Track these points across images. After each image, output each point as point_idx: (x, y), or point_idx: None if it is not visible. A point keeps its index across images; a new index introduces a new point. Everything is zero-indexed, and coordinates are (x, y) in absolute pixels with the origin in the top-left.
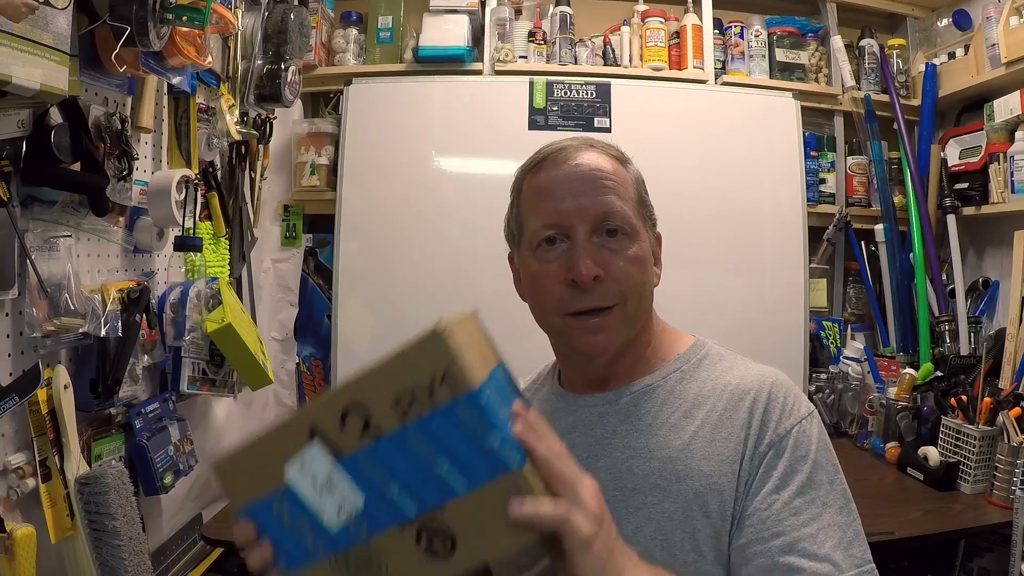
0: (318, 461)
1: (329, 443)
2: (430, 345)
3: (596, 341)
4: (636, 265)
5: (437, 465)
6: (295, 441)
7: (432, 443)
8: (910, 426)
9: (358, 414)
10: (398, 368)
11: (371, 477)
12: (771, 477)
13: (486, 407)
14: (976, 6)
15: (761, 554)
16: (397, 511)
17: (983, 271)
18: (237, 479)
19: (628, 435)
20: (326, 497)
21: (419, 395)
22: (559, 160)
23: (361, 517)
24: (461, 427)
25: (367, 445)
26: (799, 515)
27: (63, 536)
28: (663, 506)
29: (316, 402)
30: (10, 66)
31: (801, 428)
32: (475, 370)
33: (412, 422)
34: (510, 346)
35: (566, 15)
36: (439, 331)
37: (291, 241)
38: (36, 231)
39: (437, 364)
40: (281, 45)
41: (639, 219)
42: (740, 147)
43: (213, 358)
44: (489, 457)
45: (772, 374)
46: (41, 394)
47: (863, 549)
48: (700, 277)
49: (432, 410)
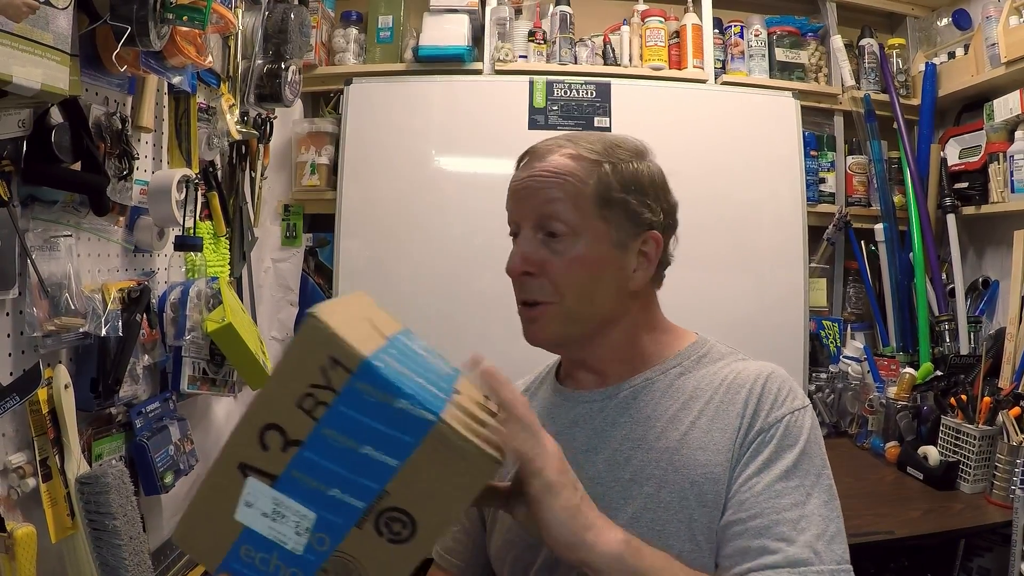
0: (259, 494)
1: (261, 473)
2: (307, 337)
3: (530, 330)
4: (577, 266)
5: (362, 450)
6: (231, 484)
7: (348, 431)
8: (910, 425)
9: (273, 433)
10: (288, 372)
11: (310, 488)
12: (756, 460)
13: (384, 374)
14: (976, 6)
15: (739, 535)
16: (348, 511)
17: (983, 271)
18: (199, 543)
19: (626, 426)
20: (281, 525)
21: (317, 391)
22: (527, 163)
23: (320, 530)
24: (367, 403)
25: (293, 459)
26: (781, 498)
27: (63, 536)
28: (660, 496)
29: (233, 438)
30: (11, 66)
31: (794, 417)
32: (361, 343)
33: (321, 419)
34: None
35: (566, 15)
36: (309, 319)
37: (291, 241)
38: (37, 231)
39: (320, 352)
40: (281, 45)
41: (597, 220)
42: (740, 146)
43: (213, 358)
44: (405, 422)
45: (771, 367)
46: (42, 394)
47: (843, 548)
48: (700, 276)
49: (334, 399)
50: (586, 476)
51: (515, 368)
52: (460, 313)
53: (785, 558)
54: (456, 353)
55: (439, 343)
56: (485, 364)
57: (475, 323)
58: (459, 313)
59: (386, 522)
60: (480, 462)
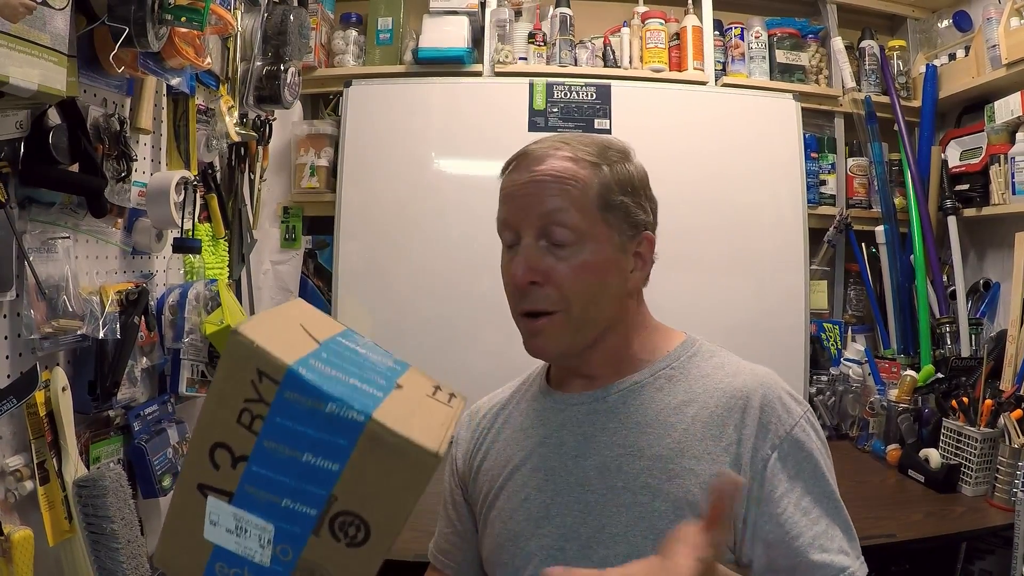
0: (220, 512)
1: (217, 491)
2: (233, 353)
3: (535, 343)
4: (585, 272)
5: (303, 458)
6: (195, 504)
7: (286, 441)
8: (911, 428)
9: (222, 451)
10: (222, 390)
11: (265, 500)
12: (780, 481)
13: (307, 380)
14: (977, 7)
15: (784, 556)
16: (302, 519)
17: (984, 273)
18: (177, 563)
19: (617, 432)
20: (245, 539)
21: (251, 405)
22: (523, 165)
23: (281, 541)
24: (299, 411)
25: (244, 475)
26: (809, 514)
27: (61, 539)
28: (654, 505)
29: (187, 460)
30: (8, 67)
31: (800, 428)
32: (285, 352)
33: (261, 432)
34: (508, 346)
35: (566, 16)
36: (232, 336)
37: (290, 243)
38: (34, 232)
39: (248, 366)
40: (281, 46)
41: (601, 224)
42: (740, 149)
43: (212, 360)
44: (338, 425)
45: (763, 374)
46: (39, 396)
47: (857, 541)
48: (700, 279)
49: (268, 411)
50: (576, 482)
51: (513, 371)
52: (459, 315)
53: (832, 570)
54: (455, 353)
55: (438, 344)
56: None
57: (474, 325)
58: (458, 315)
59: (340, 526)
60: (418, 456)
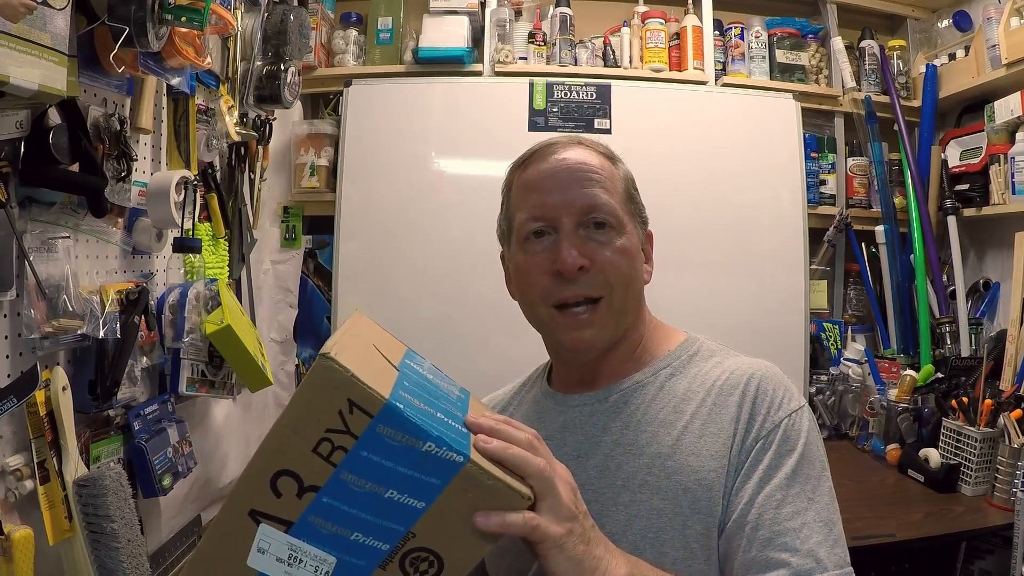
0: (273, 541)
1: (273, 519)
2: (322, 379)
3: (582, 337)
4: (623, 256)
5: (386, 494)
6: (241, 531)
7: (370, 476)
8: (911, 428)
9: (287, 480)
10: (301, 417)
11: (330, 533)
12: (757, 470)
13: (405, 417)
14: (976, 7)
15: (745, 548)
16: (371, 553)
17: (984, 272)
18: None
19: (617, 432)
20: (298, 570)
21: (334, 435)
22: (546, 155)
23: (340, 573)
24: (390, 447)
25: (310, 505)
26: (783, 507)
27: (61, 538)
28: (652, 503)
29: (241, 485)
30: (8, 66)
31: (791, 420)
32: (376, 382)
33: (341, 464)
34: (509, 346)
35: (566, 16)
36: (323, 361)
37: (291, 242)
38: (34, 232)
39: (338, 396)
40: (281, 46)
41: (627, 214)
42: (740, 148)
43: (212, 360)
44: (432, 464)
45: (762, 366)
46: (39, 395)
47: (845, 551)
48: (700, 279)
49: (354, 444)
50: (577, 482)
51: (513, 370)
52: (460, 316)
53: (791, 571)
54: (456, 354)
55: (439, 345)
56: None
57: (475, 326)
58: (459, 316)
59: (412, 561)
60: (511, 499)
